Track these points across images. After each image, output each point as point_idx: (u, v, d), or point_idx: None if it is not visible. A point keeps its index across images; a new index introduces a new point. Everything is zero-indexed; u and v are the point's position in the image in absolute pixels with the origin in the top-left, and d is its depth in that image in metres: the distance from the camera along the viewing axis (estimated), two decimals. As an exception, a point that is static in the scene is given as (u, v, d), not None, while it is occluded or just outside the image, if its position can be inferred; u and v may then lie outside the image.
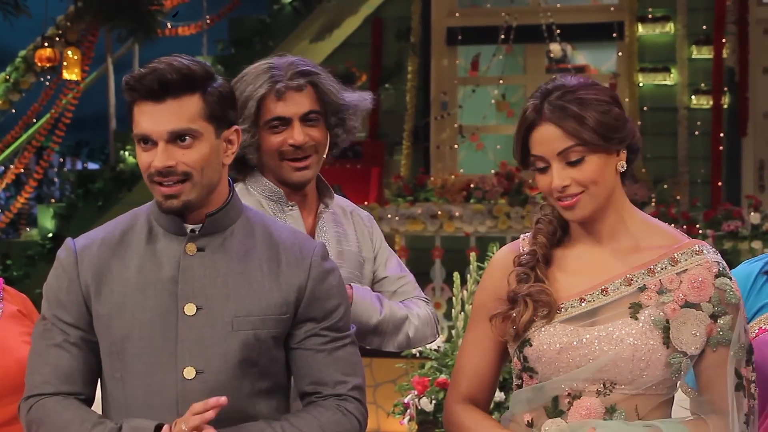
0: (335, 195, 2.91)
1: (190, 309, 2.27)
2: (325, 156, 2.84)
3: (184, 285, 2.29)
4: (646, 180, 9.55)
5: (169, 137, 2.25)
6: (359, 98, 2.84)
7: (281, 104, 2.73)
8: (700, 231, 8.64)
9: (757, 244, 8.28)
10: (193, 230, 2.33)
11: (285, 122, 2.74)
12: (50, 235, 9.93)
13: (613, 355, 2.17)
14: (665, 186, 9.53)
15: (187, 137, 2.26)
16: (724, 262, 2.27)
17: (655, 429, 2.18)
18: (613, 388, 2.20)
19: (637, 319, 2.20)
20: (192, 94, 2.26)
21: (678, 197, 9.52)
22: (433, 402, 5.21)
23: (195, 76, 2.27)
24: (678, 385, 2.27)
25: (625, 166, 2.27)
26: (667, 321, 2.20)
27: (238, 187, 2.78)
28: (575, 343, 2.20)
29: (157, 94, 2.24)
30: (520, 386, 2.31)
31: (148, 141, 2.26)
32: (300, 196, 2.82)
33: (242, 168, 2.84)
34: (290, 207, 2.80)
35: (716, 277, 2.23)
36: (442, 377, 5.22)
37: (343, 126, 2.84)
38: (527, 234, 2.37)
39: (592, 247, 2.29)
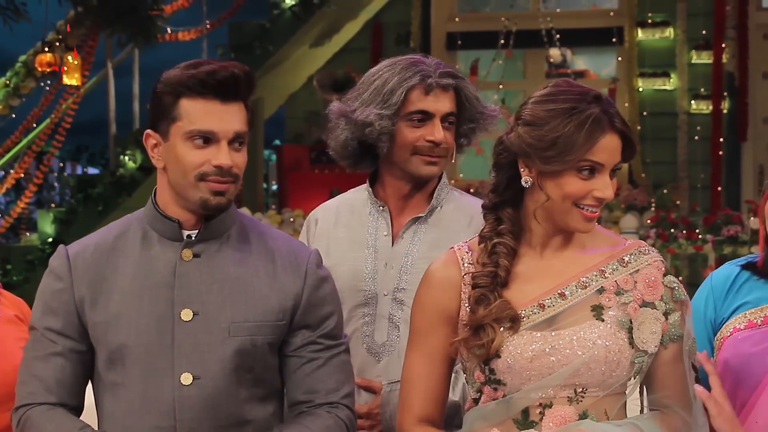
0: (474, 198, 2.84)
1: (186, 315, 2.25)
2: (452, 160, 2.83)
3: (180, 291, 2.27)
4: (645, 185, 9.56)
5: (233, 138, 2.25)
6: (494, 110, 2.83)
7: (429, 99, 2.71)
8: (700, 236, 8.63)
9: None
10: (189, 236, 2.31)
11: (427, 117, 2.71)
12: (50, 239, 9.94)
13: (586, 358, 2.16)
14: (665, 191, 9.54)
15: (242, 140, 2.28)
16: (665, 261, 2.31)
17: (637, 428, 2.17)
18: (585, 392, 2.19)
19: (603, 320, 2.20)
20: (245, 100, 2.29)
21: (678, 202, 9.52)
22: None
23: (254, 83, 2.30)
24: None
25: None
26: (630, 321, 2.21)
27: (357, 188, 2.88)
28: (547, 349, 2.18)
29: (228, 93, 2.24)
30: (477, 400, 2.27)
31: (208, 139, 2.24)
32: (399, 197, 2.80)
33: (363, 160, 2.85)
34: (381, 207, 2.81)
35: (664, 275, 2.26)
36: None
37: (470, 137, 2.82)
38: (463, 244, 2.32)
39: (541, 254, 2.28)
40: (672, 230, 8.72)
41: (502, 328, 2.20)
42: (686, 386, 2.23)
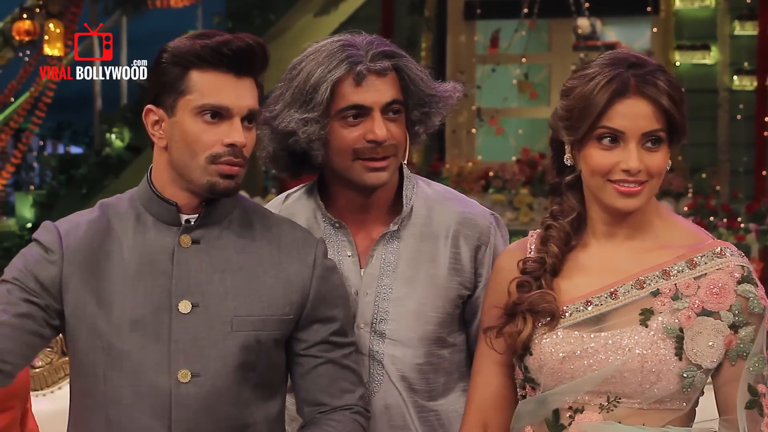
0: (443, 186, 2.64)
1: (185, 306, 2.25)
2: (405, 161, 2.56)
3: (179, 280, 2.27)
4: (682, 169, 9.53)
5: (246, 115, 2.27)
6: (450, 89, 2.55)
7: (362, 90, 2.45)
8: (742, 225, 8.63)
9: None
10: (188, 220, 2.31)
11: (363, 112, 2.45)
12: (29, 225, 9.96)
13: (619, 364, 2.15)
14: (704, 175, 9.51)
15: (253, 119, 2.29)
16: (750, 267, 2.23)
17: None
18: (619, 402, 2.18)
19: (647, 326, 2.17)
20: (257, 75, 2.30)
21: (718, 188, 9.50)
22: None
23: (268, 57, 2.30)
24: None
25: (670, 164, 2.23)
26: (681, 330, 2.16)
27: (299, 193, 2.63)
28: (579, 351, 2.18)
29: (243, 66, 2.25)
30: (524, 397, 2.30)
31: (220, 115, 2.25)
32: (356, 209, 2.55)
33: (302, 168, 2.58)
34: (337, 224, 2.55)
35: (739, 283, 2.19)
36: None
37: (426, 123, 2.55)
38: (538, 230, 2.34)
39: (605, 246, 2.26)
40: (711, 219, 8.71)
41: (540, 324, 2.22)
42: (753, 411, 2.17)
